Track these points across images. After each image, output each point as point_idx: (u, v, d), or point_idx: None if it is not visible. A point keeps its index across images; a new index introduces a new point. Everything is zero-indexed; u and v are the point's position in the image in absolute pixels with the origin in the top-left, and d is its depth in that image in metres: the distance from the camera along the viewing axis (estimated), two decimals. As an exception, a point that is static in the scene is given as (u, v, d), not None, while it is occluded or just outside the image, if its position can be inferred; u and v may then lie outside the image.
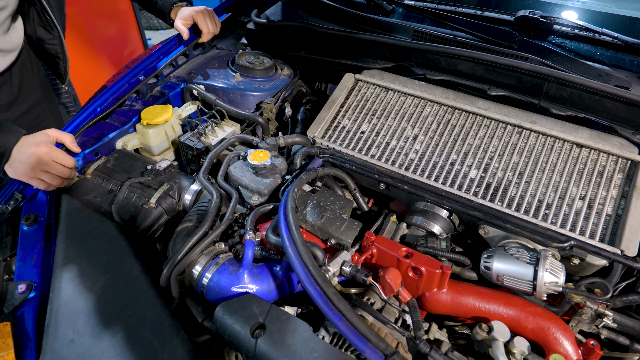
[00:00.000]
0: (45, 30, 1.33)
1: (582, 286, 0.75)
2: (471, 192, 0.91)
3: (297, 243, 0.77)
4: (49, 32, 1.33)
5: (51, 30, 1.33)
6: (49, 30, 1.33)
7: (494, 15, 1.17)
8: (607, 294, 0.73)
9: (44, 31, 1.33)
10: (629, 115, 0.96)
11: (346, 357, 0.68)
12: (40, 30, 1.32)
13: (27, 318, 0.79)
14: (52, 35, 1.33)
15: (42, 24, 1.32)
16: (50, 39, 1.34)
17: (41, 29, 1.32)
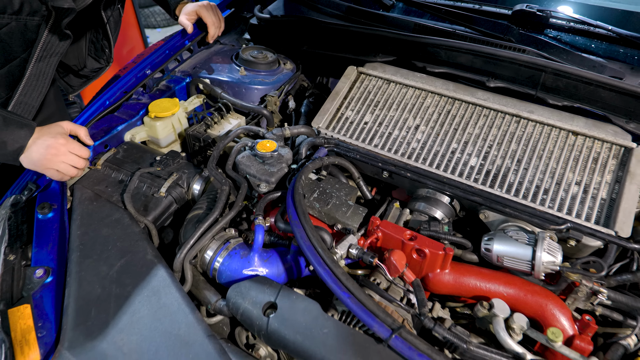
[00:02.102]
0: (94, 60, 1.34)
1: (578, 265, 0.79)
2: (471, 179, 0.94)
3: (305, 227, 0.80)
4: (98, 61, 1.35)
5: (101, 59, 1.35)
6: (98, 60, 1.35)
7: (492, 9, 1.20)
8: (602, 272, 0.77)
9: (93, 61, 1.35)
10: (622, 105, 0.99)
11: (355, 332, 0.71)
12: (90, 60, 1.34)
13: (46, 301, 0.81)
14: (100, 65, 1.36)
15: (94, 56, 1.34)
16: (95, 68, 1.36)
17: (91, 59, 1.34)
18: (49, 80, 1.13)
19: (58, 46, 1.05)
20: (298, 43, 1.38)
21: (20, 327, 0.78)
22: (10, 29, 0.95)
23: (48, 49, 1.04)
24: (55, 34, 1.02)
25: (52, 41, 1.03)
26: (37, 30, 0.99)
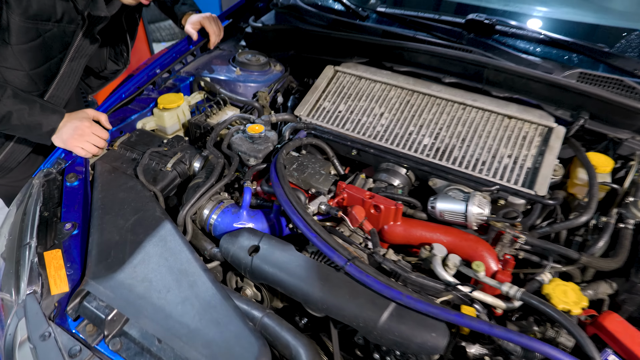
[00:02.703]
0: (113, 63, 1.56)
1: (501, 215, 0.98)
2: (424, 154, 1.14)
3: (284, 187, 0.99)
4: (116, 64, 1.57)
5: (119, 62, 1.57)
6: (117, 62, 1.57)
7: (449, 18, 1.42)
8: (516, 217, 0.96)
9: (112, 63, 1.57)
10: (550, 94, 1.20)
11: (320, 264, 0.90)
12: (110, 63, 1.56)
13: (73, 248, 1.00)
14: (118, 67, 1.58)
15: (113, 59, 1.56)
16: (113, 70, 1.58)
17: (111, 62, 1.56)
18: (77, 78, 1.34)
19: (88, 49, 1.27)
20: (286, 48, 1.60)
21: (53, 265, 0.97)
22: (53, 33, 1.17)
23: (80, 50, 1.26)
24: (87, 38, 1.24)
25: (84, 44, 1.25)
26: (72, 35, 1.21)
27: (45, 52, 1.21)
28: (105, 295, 0.87)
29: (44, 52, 1.20)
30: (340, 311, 0.84)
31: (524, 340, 0.72)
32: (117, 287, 0.89)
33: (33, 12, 1.10)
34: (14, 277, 0.97)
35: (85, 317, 0.89)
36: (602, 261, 0.91)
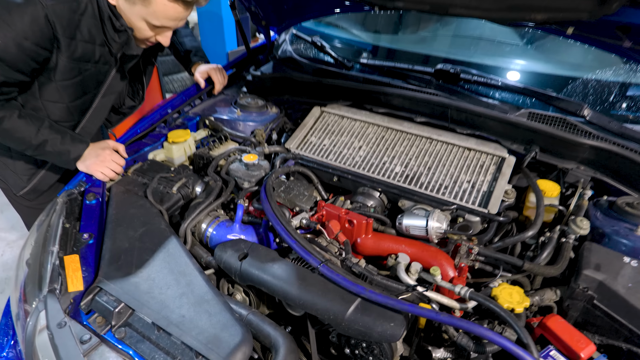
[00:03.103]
0: (130, 100, 1.80)
1: (456, 229, 1.13)
2: (395, 180, 1.32)
3: (271, 202, 1.16)
4: (133, 100, 1.81)
5: (135, 99, 1.81)
6: (134, 99, 1.81)
7: (421, 68, 1.65)
8: (469, 231, 1.11)
9: (129, 100, 1.80)
10: (505, 131, 1.39)
11: (299, 267, 1.05)
12: (127, 100, 1.80)
13: (89, 254, 1.16)
14: (134, 104, 1.82)
15: (130, 96, 1.80)
16: (130, 106, 1.82)
17: (128, 99, 1.80)
18: (106, 112, 1.57)
19: (117, 85, 1.50)
20: (282, 93, 1.83)
21: (71, 268, 1.12)
22: (90, 72, 1.40)
23: (110, 87, 1.49)
24: (118, 76, 1.47)
25: (114, 82, 1.48)
26: (105, 74, 1.44)
27: (83, 88, 1.44)
28: (114, 290, 1.02)
29: (81, 88, 1.43)
30: (313, 306, 0.97)
31: (463, 324, 0.85)
32: (125, 284, 1.04)
33: (77, 55, 1.33)
34: (37, 278, 1.12)
35: (96, 310, 1.03)
36: (542, 268, 1.05)
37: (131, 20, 1.28)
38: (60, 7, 1.21)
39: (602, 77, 1.51)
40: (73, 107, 1.46)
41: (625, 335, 0.94)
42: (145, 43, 1.40)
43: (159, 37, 1.34)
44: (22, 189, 1.62)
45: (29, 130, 1.33)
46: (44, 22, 1.20)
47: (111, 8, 1.29)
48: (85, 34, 1.30)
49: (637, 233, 1.09)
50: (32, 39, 1.21)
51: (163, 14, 1.23)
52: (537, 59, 1.64)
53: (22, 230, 3.10)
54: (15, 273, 1.24)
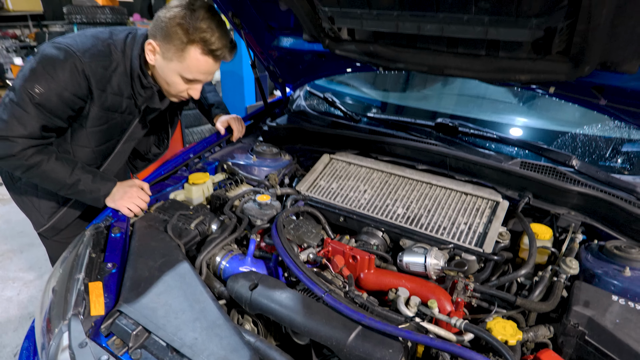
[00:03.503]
0: (156, 147, 1.99)
1: (452, 265, 1.21)
2: (397, 221, 1.41)
3: (281, 237, 1.26)
4: (158, 148, 2.00)
5: (161, 147, 2.00)
6: (159, 147, 2.00)
7: (422, 122, 1.80)
8: (464, 267, 1.18)
9: (155, 148, 1.99)
10: (500, 178, 1.50)
11: (305, 297, 1.12)
12: (153, 147, 1.99)
13: (111, 282, 1.25)
14: (159, 151, 2.00)
15: (156, 144, 1.99)
16: (155, 153, 2.01)
17: (154, 147, 1.99)
18: (126, 156, 1.73)
19: (139, 133, 1.67)
20: (294, 142, 1.99)
21: (94, 293, 1.21)
22: (116, 121, 1.58)
23: (132, 135, 1.66)
24: (140, 125, 1.64)
25: (136, 130, 1.65)
26: (129, 123, 1.62)
27: (108, 135, 1.61)
28: (133, 314, 1.11)
29: (107, 134, 1.60)
30: (317, 332, 1.04)
31: (456, 349, 0.91)
32: (143, 308, 1.12)
33: (107, 105, 1.51)
34: (63, 302, 1.21)
35: (115, 332, 1.11)
36: (534, 303, 1.11)
37: (167, 76, 1.47)
38: (95, 64, 1.41)
39: (590, 132, 1.63)
40: (98, 151, 1.63)
41: (615, 370, 0.98)
42: (177, 97, 1.58)
43: (190, 91, 1.52)
44: (42, 226, 1.76)
45: (64, 171, 1.48)
46: (81, 76, 1.39)
47: (141, 67, 1.48)
48: (115, 87, 1.49)
49: (625, 274, 1.15)
50: (71, 90, 1.40)
51: (196, 68, 1.42)
52: (530, 115, 1.79)
53: (40, 270, 3.20)
54: (42, 298, 1.34)
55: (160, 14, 1.41)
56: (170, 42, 1.38)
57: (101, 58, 1.43)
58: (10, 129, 1.37)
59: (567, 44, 1.19)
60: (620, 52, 1.14)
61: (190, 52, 1.38)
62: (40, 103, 1.37)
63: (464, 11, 1.21)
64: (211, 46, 1.38)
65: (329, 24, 1.48)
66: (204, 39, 1.36)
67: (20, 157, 1.39)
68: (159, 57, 1.44)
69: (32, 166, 1.42)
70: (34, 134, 1.40)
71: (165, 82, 1.50)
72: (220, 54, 1.42)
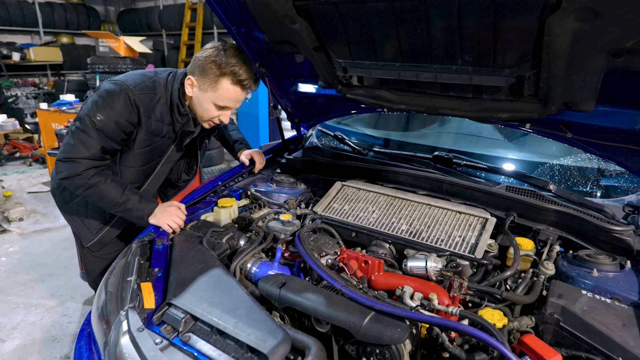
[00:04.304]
0: (185, 174, 2.26)
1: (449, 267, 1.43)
2: (402, 234, 1.65)
3: (304, 244, 1.50)
4: (188, 175, 2.27)
5: (189, 174, 2.27)
6: (188, 174, 2.27)
7: (421, 155, 2.08)
8: (459, 269, 1.41)
9: (185, 175, 2.26)
10: (489, 200, 1.75)
11: (326, 291, 1.33)
12: (183, 175, 2.26)
13: (158, 283, 1.47)
14: (188, 178, 2.27)
15: (186, 171, 2.26)
16: (185, 180, 2.28)
17: (184, 174, 2.26)
18: (164, 177, 2.00)
19: (175, 156, 1.95)
20: (309, 173, 2.26)
21: (146, 291, 1.43)
22: (157, 144, 1.86)
23: (169, 157, 1.93)
24: (175, 149, 1.92)
25: (173, 154, 1.93)
26: (168, 146, 1.90)
27: (150, 156, 1.88)
28: (181, 305, 1.32)
29: (150, 156, 1.87)
30: (338, 318, 1.24)
31: (452, 323, 1.12)
32: (189, 301, 1.33)
33: (151, 130, 1.80)
34: (118, 299, 1.42)
35: (167, 321, 1.31)
36: (517, 296, 1.33)
37: (203, 104, 1.76)
38: (142, 96, 1.72)
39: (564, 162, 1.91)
40: (141, 170, 1.90)
41: (584, 348, 1.18)
42: (209, 123, 1.86)
43: (221, 117, 1.81)
44: (90, 241, 2.00)
45: (117, 192, 1.74)
46: (133, 105, 1.70)
47: (180, 98, 1.79)
48: (158, 115, 1.79)
49: (593, 274, 1.37)
50: (125, 117, 1.70)
51: (227, 97, 1.72)
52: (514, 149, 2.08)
53: (61, 298, 3.37)
54: (97, 298, 1.55)
55: (198, 54, 1.73)
56: (206, 76, 1.70)
57: (148, 91, 1.75)
58: (76, 151, 1.65)
59: (535, 89, 1.49)
60: (577, 95, 1.44)
61: (223, 83, 1.69)
62: (100, 129, 1.66)
63: (452, 63, 1.52)
64: (240, 77, 1.69)
65: (342, 73, 1.80)
66: (233, 71, 1.67)
67: (84, 176, 1.66)
68: (196, 89, 1.75)
69: (92, 185, 1.69)
70: (95, 155, 1.68)
71: (200, 109, 1.80)
72: (247, 84, 1.73)
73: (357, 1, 1.42)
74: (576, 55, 1.29)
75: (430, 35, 1.42)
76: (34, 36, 12.05)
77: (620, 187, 1.86)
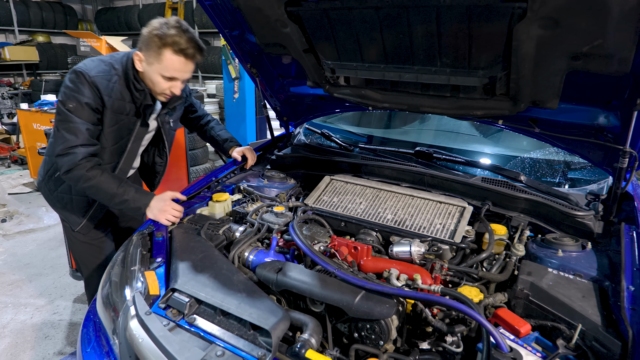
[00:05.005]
0: (159, 157, 2.35)
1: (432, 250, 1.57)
2: (387, 223, 1.78)
3: (297, 232, 1.61)
4: (161, 158, 2.35)
5: (162, 157, 2.35)
6: (161, 157, 2.35)
7: (404, 150, 2.22)
8: (440, 252, 1.55)
9: (158, 158, 2.35)
10: (466, 191, 1.90)
11: (320, 274, 1.45)
12: (156, 157, 2.35)
13: (160, 272, 1.57)
14: (162, 160, 2.36)
15: (158, 154, 2.35)
16: (160, 162, 2.36)
17: (157, 157, 2.35)
18: (136, 156, 2.08)
19: (142, 132, 2.03)
20: (298, 169, 2.38)
21: (150, 279, 1.52)
22: (124, 122, 1.94)
23: (137, 134, 2.01)
24: (142, 126, 2.00)
25: (140, 130, 2.01)
26: (134, 124, 1.98)
27: (119, 134, 1.96)
28: (185, 290, 1.42)
29: (118, 134, 1.95)
30: (331, 298, 1.36)
31: (434, 297, 1.26)
32: (193, 286, 1.43)
33: (115, 108, 1.88)
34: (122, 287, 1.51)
35: (172, 305, 1.41)
36: (492, 274, 1.47)
37: (152, 77, 1.85)
38: (99, 78, 1.83)
39: (534, 156, 2.08)
40: (113, 150, 1.98)
41: (550, 318, 1.33)
42: (163, 96, 1.93)
43: (173, 89, 1.88)
44: (79, 224, 2.09)
45: (114, 183, 1.82)
46: (92, 87, 1.81)
47: (135, 76, 1.89)
48: (118, 94, 1.89)
49: (558, 255, 1.53)
50: (89, 97, 1.81)
51: (171, 67, 1.79)
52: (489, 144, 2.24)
53: (50, 297, 3.39)
54: (101, 288, 1.63)
55: (143, 30, 1.84)
56: (150, 49, 1.79)
57: (104, 73, 1.86)
58: (67, 141, 1.77)
59: (506, 88, 1.65)
60: (543, 93, 1.60)
61: (165, 53, 1.78)
62: (75, 114, 1.79)
63: (432, 64, 1.66)
64: (181, 46, 1.77)
65: (330, 73, 1.92)
66: (174, 41, 1.76)
67: (82, 167, 1.75)
68: (144, 64, 1.85)
69: (90, 178, 1.77)
70: (85, 139, 1.79)
71: (151, 83, 1.88)
72: (189, 53, 1.79)
73: (345, 7, 1.55)
74: (541, 59, 1.44)
75: (412, 40, 1.56)
76: (8, 35, 11.77)
77: (583, 178, 2.04)
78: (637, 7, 1.15)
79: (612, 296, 1.32)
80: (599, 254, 1.54)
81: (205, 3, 1.90)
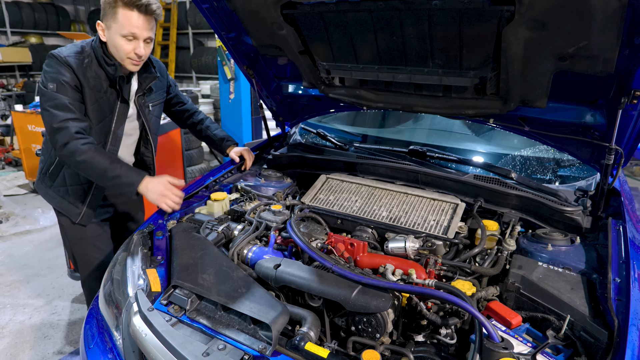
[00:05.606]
0: (145, 148, 2.36)
1: (425, 246, 1.62)
2: (383, 220, 1.83)
3: (294, 229, 1.65)
4: (147, 148, 2.36)
5: (147, 147, 2.36)
6: (147, 147, 2.36)
7: (399, 149, 2.27)
8: (434, 247, 1.59)
9: (144, 148, 2.36)
10: (459, 188, 1.95)
11: (318, 270, 1.49)
12: (142, 148, 2.36)
13: (161, 270, 1.60)
14: (148, 150, 2.36)
15: (143, 145, 2.36)
16: (147, 153, 2.37)
17: (143, 147, 2.36)
18: (121, 136, 2.10)
19: (125, 110, 2.06)
20: (294, 168, 2.42)
21: (152, 276, 1.55)
22: (103, 100, 1.98)
23: (120, 113, 2.04)
24: (122, 103, 2.03)
25: (121, 108, 2.04)
26: (114, 102, 2.01)
27: (102, 112, 1.99)
28: (187, 286, 1.45)
29: (100, 111, 1.98)
30: (329, 292, 1.41)
31: (428, 290, 1.30)
32: (194, 283, 1.47)
33: (92, 86, 1.92)
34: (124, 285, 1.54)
35: (174, 301, 1.44)
36: (484, 268, 1.52)
37: (114, 42, 1.88)
38: (72, 58, 1.89)
39: (524, 154, 2.13)
40: (99, 129, 2.02)
41: (540, 310, 1.39)
42: (130, 62, 1.93)
43: (136, 50, 1.89)
44: (78, 215, 2.12)
45: (106, 160, 1.86)
46: (67, 66, 1.87)
47: (104, 51, 1.93)
48: (93, 72, 1.94)
49: (548, 249, 1.59)
50: (66, 76, 1.87)
51: (128, 23, 1.82)
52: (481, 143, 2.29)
53: (48, 297, 3.40)
54: (102, 286, 1.66)
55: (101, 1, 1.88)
56: (107, 13, 1.85)
57: (77, 54, 1.92)
58: (57, 117, 1.82)
59: (496, 88, 1.70)
60: (532, 93, 1.65)
61: (119, 12, 1.82)
62: (57, 92, 1.85)
63: (424, 65, 1.71)
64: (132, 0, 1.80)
65: (326, 74, 1.96)
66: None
67: (77, 141, 1.81)
68: (106, 31, 1.90)
69: (84, 151, 1.81)
70: (74, 113, 1.85)
71: (115, 49, 1.91)
72: (140, 5, 1.81)
73: (340, 10, 1.59)
74: (529, 59, 1.50)
75: (405, 42, 1.61)
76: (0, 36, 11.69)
77: (572, 174, 2.10)
78: (619, 10, 1.20)
79: (600, 288, 1.37)
80: (587, 248, 1.60)
81: (202, 6, 1.94)
